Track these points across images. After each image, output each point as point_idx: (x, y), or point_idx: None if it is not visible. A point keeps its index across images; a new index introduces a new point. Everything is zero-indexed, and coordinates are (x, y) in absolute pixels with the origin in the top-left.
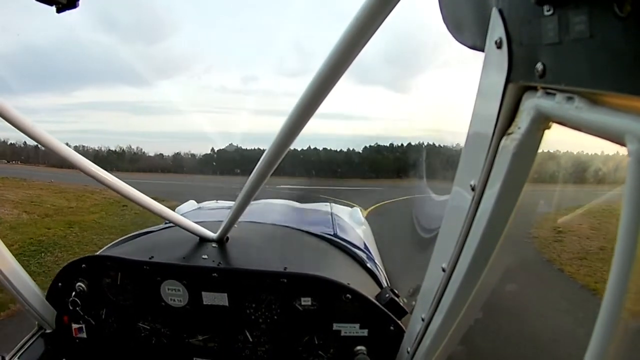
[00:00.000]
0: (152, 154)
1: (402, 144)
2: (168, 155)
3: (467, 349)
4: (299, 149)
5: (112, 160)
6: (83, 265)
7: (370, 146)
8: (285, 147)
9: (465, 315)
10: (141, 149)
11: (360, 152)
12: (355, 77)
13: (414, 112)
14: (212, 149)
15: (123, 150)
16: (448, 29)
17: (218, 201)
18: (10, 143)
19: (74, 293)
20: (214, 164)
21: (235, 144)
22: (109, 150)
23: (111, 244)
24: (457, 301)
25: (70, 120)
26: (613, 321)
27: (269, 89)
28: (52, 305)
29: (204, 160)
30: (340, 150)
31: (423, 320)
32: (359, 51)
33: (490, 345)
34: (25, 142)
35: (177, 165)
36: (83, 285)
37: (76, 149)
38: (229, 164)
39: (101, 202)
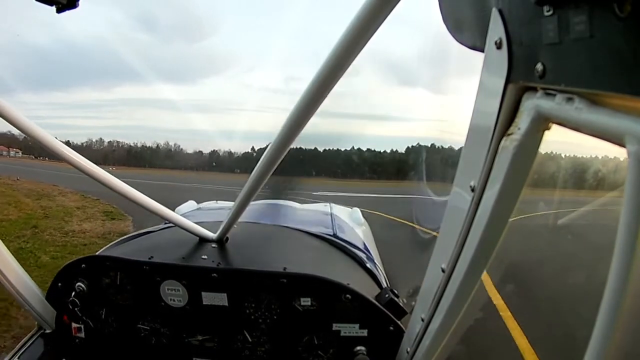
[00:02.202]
0: (190, 151)
1: (441, 146)
2: (206, 153)
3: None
4: (343, 149)
5: (145, 156)
6: (83, 266)
7: (412, 146)
8: (286, 147)
9: (465, 316)
10: (178, 146)
11: (403, 152)
12: (397, 79)
13: (454, 113)
14: (252, 148)
15: (158, 146)
16: (448, 29)
17: (218, 201)
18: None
19: (73, 293)
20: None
21: None
22: (144, 145)
23: (111, 244)
24: (457, 301)
25: (110, 116)
26: (613, 321)
27: None
28: (51, 305)
29: (242, 158)
30: (384, 151)
31: (423, 320)
32: (360, 50)
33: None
34: (55, 137)
35: (214, 163)
36: (83, 285)
37: (110, 144)
38: None
39: (12, 219)
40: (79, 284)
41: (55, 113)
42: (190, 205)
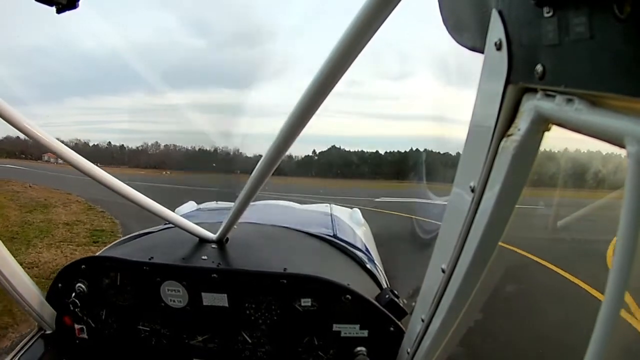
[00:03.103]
0: (250, 155)
1: None
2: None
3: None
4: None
5: (201, 159)
6: (83, 266)
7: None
8: (286, 148)
9: (465, 316)
10: (237, 150)
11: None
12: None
13: None
14: (314, 151)
15: (216, 150)
16: (448, 30)
17: (218, 202)
18: (93, 144)
19: (73, 294)
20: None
21: (338, 146)
22: (201, 149)
23: (111, 244)
24: (457, 302)
25: (166, 121)
26: (613, 321)
27: (371, 92)
28: (52, 306)
29: (303, 161)
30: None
31: (423, 321)
32: (360, 51)
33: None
34: (109, 142)
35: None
36: (83, 286)
37: (166, 147)
38: (330, 167)
39: None
40: (79, 284)
41: (108, 118)
42: (190, 205)
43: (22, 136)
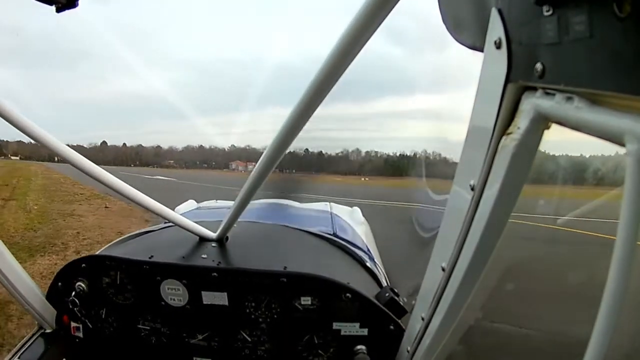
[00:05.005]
0: (456, 160)
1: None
2: None
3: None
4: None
5: (402, 165)
6: (83, 265)
7: None
8: (286, 146)
9: (465, 315)
10: (439, 154)
11: None
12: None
13: None
14: None
15: (415, 155)
16: (447, 28)
17: (217, 201)
18: (289, 151)
19: (73, 293)
20: None
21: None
22: (402, 155)
23: (111, 243)
24: (457, 301)
25: (371, 129)
26: (613, 321)
27: None
28: (52, 305)
29: None
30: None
31: (423, 319)
32: (360, 50)
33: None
34: (306, 149)
35: None
36: (83, 285)
37: (367, 154)
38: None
39: None
40: (79, 283)
41: (306, 126)
42: (190, 204)
43: (205, 145)
